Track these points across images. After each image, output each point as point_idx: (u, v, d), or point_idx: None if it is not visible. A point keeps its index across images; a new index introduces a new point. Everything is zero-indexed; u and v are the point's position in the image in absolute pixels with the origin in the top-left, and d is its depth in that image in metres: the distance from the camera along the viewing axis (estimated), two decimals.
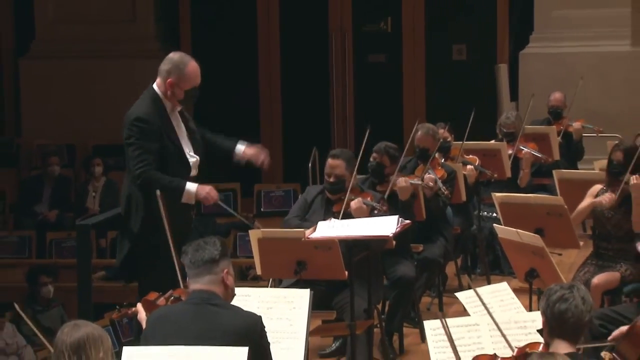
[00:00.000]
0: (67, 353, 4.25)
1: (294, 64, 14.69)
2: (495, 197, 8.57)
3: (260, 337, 5.04)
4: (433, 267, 8.71)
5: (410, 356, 8.08)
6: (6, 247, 12.98)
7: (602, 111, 12.10)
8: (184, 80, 6.87)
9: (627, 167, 7.88)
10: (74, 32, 14.59)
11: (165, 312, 5.24)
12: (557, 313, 4.75)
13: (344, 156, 7.63)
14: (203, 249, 5.11)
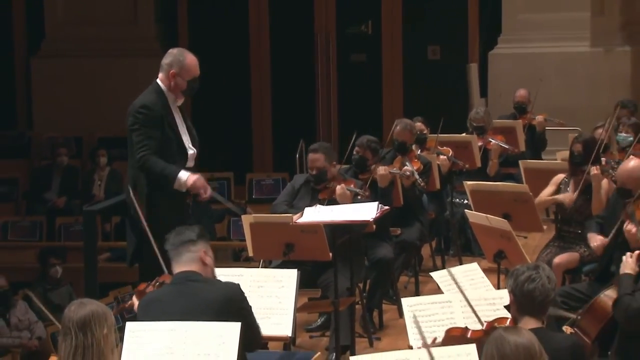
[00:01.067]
0: (74, 329, 4.24)
1: (283, 62, 14.68)
2: (467, 185, 8.59)
3: (240, 301, 5.07)
4: (410, 249, 8.72)
5: (389, 330, 8.08)
6: (19, 231, 12.99)
7: (564, 106, 12.10)
8: (184, 70, 6.87)
9: (587, 158, 7.91)
10: (81, 32, 14.54)
11: (152, 296, 5.26)
12: (526, 292, 4.76)
13: (322, 149, 7.70)
14: (182, 232, 5.19)
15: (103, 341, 4.28)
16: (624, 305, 5.46)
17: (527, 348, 3.82)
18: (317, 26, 14.57)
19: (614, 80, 12.63)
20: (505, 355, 3.80)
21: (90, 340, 4.24)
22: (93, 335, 4.25)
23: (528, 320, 4.75)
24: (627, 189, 7.06)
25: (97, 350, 4.25)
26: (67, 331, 4.26)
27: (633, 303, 5.44)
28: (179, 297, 5.01)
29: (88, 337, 4.24)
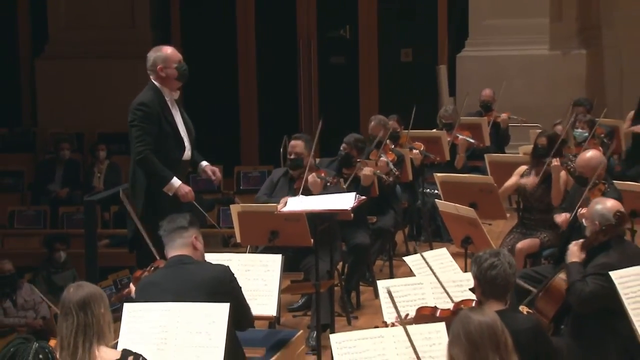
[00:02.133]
0: (74, 309, 4.22)
1: (268, 65, 14.70)
2: (437, 177, 8.61)
3: (230, 281, 5.07)
4: (385, 236, 8.72)
5: (365, 310, 8.09)
6: (25, 219, 12.96)
7: (525, 104, 12.12)
8: (168, 60, 6.87)
9: (549, 151, 7.94)
10: (82, 36, 14.53)
11: (148, 279, 5.27)
12: (489, 278, 4.76)
13: (303, 138, 7.76)
14: (175, 220, 5.20)
15: (102, 319, 4.27)
16: (577, 291, 5.47)
17: (490, 326, 3.82)
18: (300, 31, 14.58)
19: (571, 80, 12.66)
20: (470, 332, 3.80)
21: (91, 319, 4.22)
22: (93, 314, 4.23)
23: (492, 303, 4.76)
24: (585, 177, 7.12)
25: (97, 328, 4.24)
26: (67, 311, 4.24)
27: (585, 288, 5.45)
28: (173, 278, 5.01)
29: (88, 315, 4.22)
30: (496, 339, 3.79)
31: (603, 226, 5.64)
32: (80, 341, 4.19)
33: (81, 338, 4.20)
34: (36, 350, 3.37)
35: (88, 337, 4.21)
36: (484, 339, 3.78)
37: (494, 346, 3.78)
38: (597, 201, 5.86)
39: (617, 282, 5.36)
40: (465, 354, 3.78)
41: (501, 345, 3.79)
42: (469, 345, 3.78)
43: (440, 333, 4.64)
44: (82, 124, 14.48)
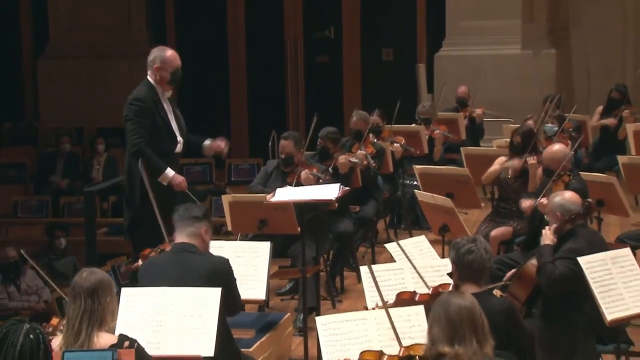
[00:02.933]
0: (84, 295, 4.24)
1: (257, 64, 14.69)
2: (416, 169, 8.62)
3: (227, 275, 5.07)
4: (367, 224, 8.73)
5: (349, 294, 8.09)
6: (28, 209, 12.94)
7: (499, 101, 12.13)
8: (166, 62, 6.84)
9: (525, 148, 7.95)
10: (81, 37, 14.52)
11: (153, 260, 5.28)
12: (465, 263, 4.78)
13: (291, 137, 7.75)
14: (191, 208, 5.18)
15: (106, 307, 4.28)
16: (547, 273, 5.49)
17: (469, 310, 3.82)
18: (287, 32, 14.59)
19: (541, 78, 12.68)
20: (450, 315, 3.80)
21: (97, 306, 4.24)
22: (99, 302, 4.25)
23: (468, 286, 4.78)
24: (551, 169, 7.14)
25: (100, 314, 4.25)
26: (77, 295, 4.26)
27: (555, 270, 5.46)
28: (176, 264, 5.01)
29: (95, 302, 4.24)
30: (474, 322, 3.80)
31: (572, 215, 5.65)
32: (84, 326, 4.22)
33: (85, 323, 4.22)
34: (27, 331, 3.35)
35: (91, 322, 4.23)
36: (463, 321, 3.78)
37: (472, 328, 3.78)
38: (556, 194, 5.88)
39: (584, 267, 5.38)
40: (445, 334, 3.78)
41: (478, 327, 3.80)
42: (449, 326, 3.78)
43: (420, 315, 4.64)
44: (81, 119, 14.48)
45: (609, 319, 5.36)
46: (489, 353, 3.82)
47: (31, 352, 3.32)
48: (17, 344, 3.30)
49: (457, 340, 3.76)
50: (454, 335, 3.76)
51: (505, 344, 4.79)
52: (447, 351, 3.75)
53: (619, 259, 5.54)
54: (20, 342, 3.31)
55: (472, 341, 3.77)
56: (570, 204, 5.68)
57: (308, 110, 14.52)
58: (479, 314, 3.82)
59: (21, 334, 3.33)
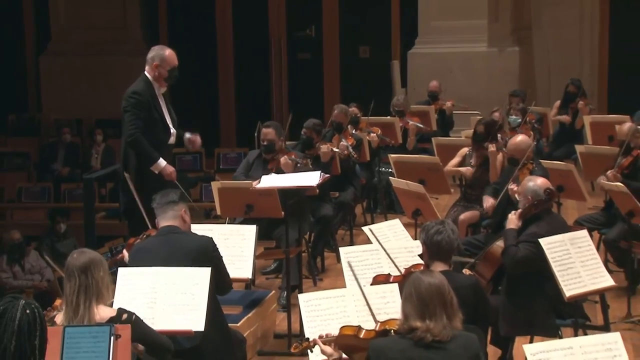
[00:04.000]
0: (77, 272, 4.22)
1: (244, 60, 14.67)
2: (391, 157, 8.62)
3: (212, 251, 5.03)
4: (346, 208, 8.73)
5: (329, 273, 8.10)
6: (31, 194, 12.92)
7: (467, 94, 12.14)
8: (165, 61, 6.85)
9: (487, 137, 7.97)
10: (80, 35, 14.47)
11: (141, 245, 5.25)
12: (435, 242, 4.79)
13: (273, 126, 7.75)
14: (167, 194, 5.16)
15: (101, 282, 4.25)
16: (511, 254, 5.51)
17: (438, 287, 3.82)
18: (271, 31, 14.58)
19: (506, 74, 12.70)
20: (421, 292, 3.80)
21: (91, 281, 4.21)
22: (93, 277, 4.22)
23: (437, 264, 4.78)
24: (516, 158, 7.15)
25: (96, 289, 4.23)
26: (71, 274, 4.23)
27: (518, 252, 5.49)
28: (163, 245, 4.97)
29: (89, 278, 4.21)
30: (443, 298, 3.80)
31: (535, 201, 5.67)
32: (81, 300, 4.19)
33: (82, 297, 4.20)
34: (23, 306, 3.33)
35: (88, 296, 4.20)
36: (433, 298, 3.78)
37: (441, 304, 3.79)
38: (529, 179, 5.90)
39: (545, 248, 5.40)
40: (416, 310, 3.78)
41: (447, 303, 3.80)
42: (420, 303, 3.78)
43: (394, 293, 4.64)
44: (81, 111, 14.44)
45: (568, 295, 5.39)
46: (457, 326, 3.82)
47: (29, 325, 3.29)
48: (15, 319, 3.28)
49: (428, 316, 3.76)
50: (425, 311, 3.76)
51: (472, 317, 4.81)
52: (418, 326, 3.75)
53: (577, 240, 5.57)
54: (18, 317, 3.29)
55: (442, 316, 3.77)
56: (541, 190, 5.70)
57: (291, 103, 14.56)
58: (447, 291, 3.82)
59: (19, 309, 3.32)
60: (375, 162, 9.92)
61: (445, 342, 3.74)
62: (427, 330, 3.73)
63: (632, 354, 4.96)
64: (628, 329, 6.54)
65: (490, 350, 5.64)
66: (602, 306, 6.45)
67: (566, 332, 5.62)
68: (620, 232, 7.16)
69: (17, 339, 3.25)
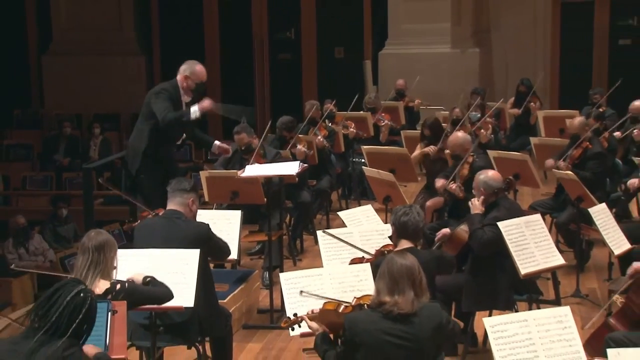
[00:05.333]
0: (91, 249, 4.23)
1: (229, 60, 14.62)
2: (363, 149, 8.62)
3: (208, 237, 5.05)
4: (323, 195, 8.74)
5: (307, 254, 8.10)
6: (35, 183, 12.86)
7: (432, 92, 12.15)
8: (194, 74, 7.02)
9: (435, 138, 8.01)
10: (80, 36, 14.39)
11: (147, 222, 5.29)
12: (402, 223, 4.81)
13: (243, 130, 7.67)
14: (181, 182, 5.17)
15: (110, 262, 4.28)
16: (477, 237, 5.52)
17: (409, 267, 3.84)
18: (254, 33, 14.55)
19: (467, 73, 12.72)
20: (393, 271, 3.82)
21: (102, 259, 4.23)
22: (104, 256, 4.24)
23: (404, 242, 4.82)
24: (457, 154, 7.12)
25: (103, 266, 4.24)
26: (85, 250, 4.25)
27: (484, 235, 5.50)
28: (165, 227, 4.99)
29: (100, 256, 4.23)
30: (413, 277, 3.81)
31: (490, 191, 5.69)
32: (90, 274, 4.21)
33: (91, 272, 4.21)
34: (79, 290, 3.36)
35: (96, 272, 4.23)
36: (403, 276, 3.80)
37: (411, 282, 3.81)
38: (480, 173, 5.87)
39: (503, 230, 5.43)
40: (387, 287, 3.80)
41: (416, 282, 3.82)
42: (391, 281, 3.80)
43: (367, 271, 4.65)
44: (80, 107, 14.36)
45: (523, 273, 5.43)
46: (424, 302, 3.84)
47: (74, 307, 3.32)
48: (67, 296, 3.31)
49: (397, 292, 3.78)
50: (395, 287, 3.79)
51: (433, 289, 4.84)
52: (387, 300, 3.77)
53: (531, 223, 5.60)
54: (70, 296, 3.32)
55: (410, 293, 3.79)
56: (492, 181, 5.72)
57: (273, 99, 14.56)
58: (418, 271, 3.84)
59: (74, 290, 3.35)
60: (350, 153, 9.93)
61: (411, 314, 3.76)
62: (394, 304, 3.76)
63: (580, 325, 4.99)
64: (577, 303, 6.59)
65: None
66: (553, 282, 6.50)
67: (521, 306, 5.66)
68: (569, 216, 7.21)
69: (60, 313, 3.28)
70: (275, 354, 5.87)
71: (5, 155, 13.82)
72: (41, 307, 3.32)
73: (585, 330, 5.08)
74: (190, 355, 5.16)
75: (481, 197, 5.69)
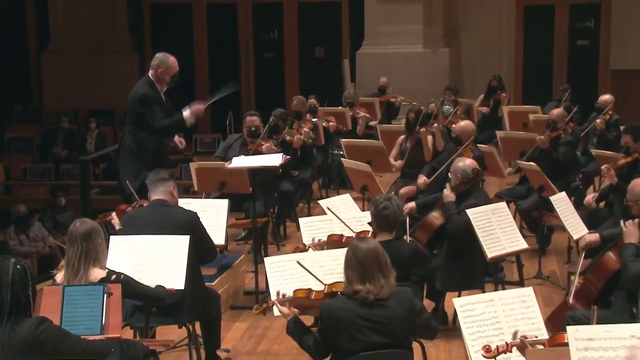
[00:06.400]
0: (79, 239, 4.17)
1: (217, 60, 14.56)
2: (342, 142, 8.62)
3: (196, 224, 4.99)
4: (305, 185, 8.72)
5: (290, 239, 8.08)
6: (34, 173, 12.85)
7: (406, 88, 12.11)
8: (168, 68, 6.82)
9: (416, 123, 7.99)
10: (76, 36, 14.29)
11: (134, 213, 5.22)
12: (382, 216, 4.77)
13: (258, 115, 7.68)
14: (159, 172, 5.12)
15: (99, 248, 4.22)
16: (454, 222, 5.53)
17: (373, 250, 3.80)
18: (240, 34, 14.52)
19: (439, 71, 12.73)
20: (359, 257, 3.78)
21: (91, 247, 4.17)
22: (92, 243, 4.18)
23: (383, 234, 4.78)
24: (460, 138, 7.13)
25: (94, 254, 4.19)
26: (74, 240, 4.18)
27: (460, 219, 5.50)
28: (154, 215, 4.93)
29: (89, 244, 4.17)
30: (378, 260, 3.78)
31: (464, 179, 5.70)
32: (82, 264, 4.15)
33: (83, 261, 4.16)
34: (14, 263, 3.32)
35: (88, 261, 4.17)
36: (370, 261, 3.76)
37: (377, 266, 3.77)
38: (459, 160, 5.90)
39: (471, 217, 5.45)
40: (357, 274, 3.76)
41: (382, 264, 3.79)
42: (360, 268, 3.76)
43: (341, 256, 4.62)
44: (77, 102, 14.29)
45: (490, 257, 5.45)
46: (392, 282, 3.81)
47: (21, 278, 3.29)
48: (8, 273, 3.27)
49: (368, 279, 3.74)
50: (364, 275, 3.74)
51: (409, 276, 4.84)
52: (360, 288, 3.73)
53: (497, 210, 5.62)
54: (11, 271, 3.28)
55: (379, 277, 3.75)
56: (469, 169, 5.72)
57: (257, 95, 14.54)
58: (381, 253, 3.80)
59: (10, 265, 3.31)
60: (329, 146, 9.92)
61: (385, 299, 3.74)
62: (368, 291, 3.72)
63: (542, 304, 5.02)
64: (539, 284, 6.63)
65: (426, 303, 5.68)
66: (517, 265, 6.54)
67: (488, 287, 5.68)
68: (532, 204, 7.24)
69: (12, 290, 3.23)
70: (261, 332, 5.87)
71: (6, 147, 13.77)
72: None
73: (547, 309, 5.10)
74: (181, 334, 5.15)
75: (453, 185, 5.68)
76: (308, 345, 3.85)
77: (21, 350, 3.22)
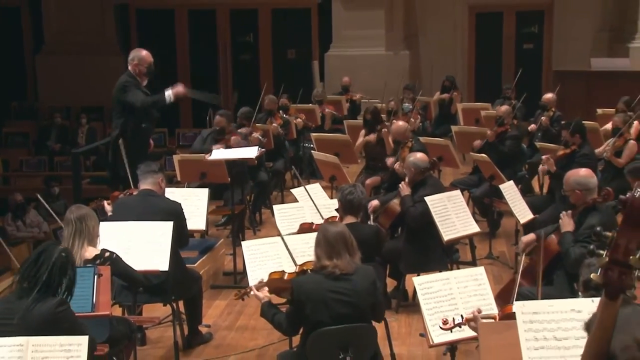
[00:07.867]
0: (74, 220, 4.15)
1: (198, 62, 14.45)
2: (312, 136, 8.60)
3: (179, 214, 4.96)
4: (278, 175, 8.71)
5: (266, 225, 8.06)
6: (30, 165, 12.74)
7: (370, 87, 12.15)
8: (142, 60, 6.81)
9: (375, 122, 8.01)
10: (68, 38, 14.11)
11: (124, 200, 5.19)
12: (347, 200, 4.79)
13: (224, 115, 7.69)
14: (150, 165, 5.09)
15: (92, 230, 4.19)
16: (411, 214, 5.54)
17: (341, 233, 3.81)
18: (219, 37, 14.46)
19: (399, 72, 12.76)
20: (328, 238, 3.79)
21: (84, 227, 4.15)
22: (87, 225, 4.15)
23: (349, 217, 4.79)
24: (398, 140, 7.15)
25: (87, 235, 4.16)
26: (69, 222, 4.16)
27: (416, 211, 5.52)
28: (141, 204, 4.90)
29: (83, 225, 4.14)
30: (345, 241, 3.79)
31: (417, 170, 5.71)
32: (76, 242, 4.13)
33: (77, 240, 4.14)
34: (61, 250, 3.30)
35: (81, 239, 4.15)
36: (338, 241, 3.77)
37: (344, 246, 3.78)
38: (410, 155, 5.92)
39: (429, 204, 5.47)
40: (325, 252, 3.77)
41: (349, 244, 3.80)
42: (327, 246, 3.77)
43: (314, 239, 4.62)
44: (69, 100, 14.14)
45: (446, 239, 5.47)
46: (357, 261, 3.83)
47: (62, 264, 3.26)
48: (52, 257, 3.24)
49: (335, 255, 3.75)
50: (332, 252, 3.75)
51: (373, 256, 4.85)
52: (328, 264, 3.74)
53: (452, 197, 5.65)
54: (55, 257, 3.26)
55: (346, 255, 3.77)
56: (420, 162, 5.74)
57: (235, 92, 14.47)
58: (348, 235, 3.82)
59: (56, 252, 3.28)
60: (301, 140, 9.90)
61: (350, 274, 3.75)
62: (335, 266, 3.73)
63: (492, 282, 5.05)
64: (489, 264, 6.68)
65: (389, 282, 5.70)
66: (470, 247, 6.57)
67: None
68: (484, 192, 7.29)
69: (50, 271, 3.21)
70: (239, 309, 5.85)
71: (4, 142, 13.64)
72: (30, 268, 3.25)
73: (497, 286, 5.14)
74: (166, 311, 5.11)
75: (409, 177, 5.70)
76: (279, 322, 3.85)
77: (38, 324, 3.20)
